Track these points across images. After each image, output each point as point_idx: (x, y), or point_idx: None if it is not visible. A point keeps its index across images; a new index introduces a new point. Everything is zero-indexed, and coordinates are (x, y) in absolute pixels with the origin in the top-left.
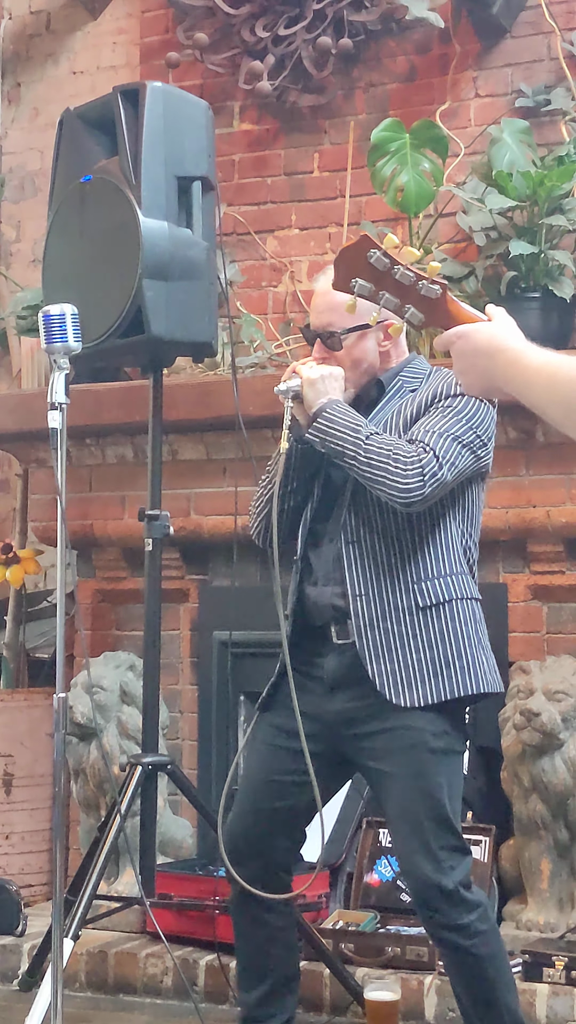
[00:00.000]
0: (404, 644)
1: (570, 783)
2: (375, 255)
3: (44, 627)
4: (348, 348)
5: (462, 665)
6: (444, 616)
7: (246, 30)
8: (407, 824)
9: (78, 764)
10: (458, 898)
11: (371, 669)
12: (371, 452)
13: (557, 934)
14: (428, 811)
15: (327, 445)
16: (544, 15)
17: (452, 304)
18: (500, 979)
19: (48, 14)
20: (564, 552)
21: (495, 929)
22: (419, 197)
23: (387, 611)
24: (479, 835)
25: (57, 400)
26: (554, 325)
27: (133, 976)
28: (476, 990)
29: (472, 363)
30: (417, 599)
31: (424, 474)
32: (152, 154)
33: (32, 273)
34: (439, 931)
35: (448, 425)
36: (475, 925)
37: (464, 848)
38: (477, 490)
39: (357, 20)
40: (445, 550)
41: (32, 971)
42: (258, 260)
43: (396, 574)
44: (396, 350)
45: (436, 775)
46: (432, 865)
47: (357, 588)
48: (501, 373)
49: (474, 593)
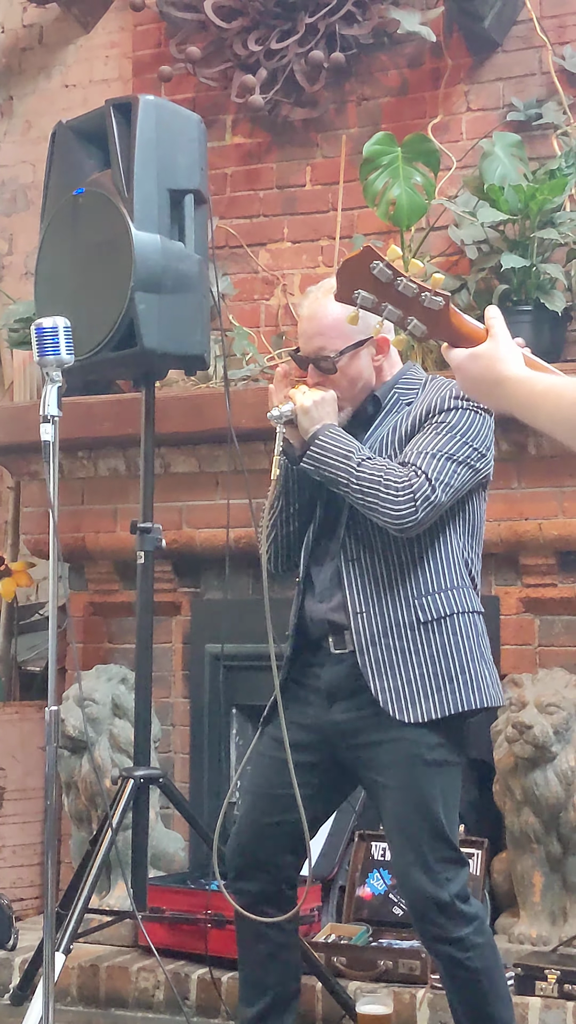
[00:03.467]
0: (406, 659)
1: (562, 796)
2: (378, 267)
3: (36, 640)
4: (343, 369)
5: (465, 680)
6: (446, 631)
7: (238, 44)
8: (403, 836)
9: (70, 777)
10: (454, 911)
11: (374, 685)
12: (363, 479)
13: (549, 947)
14: (424, 824)
15: (321, 472)
16: (535, 29)
17: (455, 316)
18: (495, 992)
19: (41, 27)
20: (556, 565)
21: (492, 943)
22: (411, 210)
23: (388, 627)
24: (471, 848)
25: (49, 413)
26: (546, 338)
27: (125, 990)
28: (471, 1003)
29: (476, 388)
30: (418, 614)
31: (416, 499)
32: (144, 167)
33: (24, 286)
34: (435, 944)
35: (441, 444)
36: (471, 938)
37: (461, 860)
38: (478, 500)
39: (349, 34)
40: (445, 564)
41: (23, 985)
42: (250, 273)
43: (396, 590)
44: (389, 363)
45: (432, 787)
46: (428, 877)
47: (358, 605)
48: (506, 402)
49: (476, 607)
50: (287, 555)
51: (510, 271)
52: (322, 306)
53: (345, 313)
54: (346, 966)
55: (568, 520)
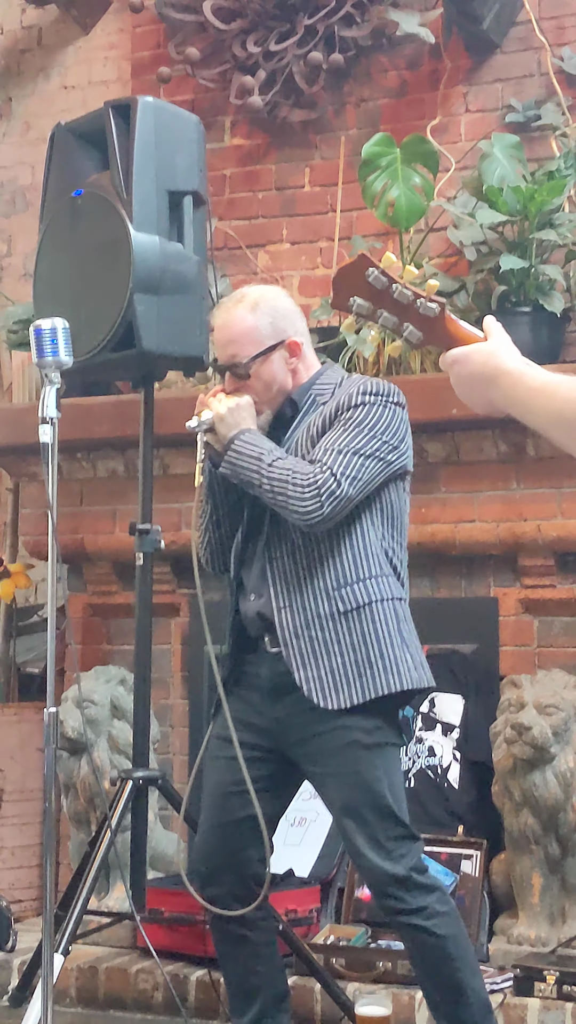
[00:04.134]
0: (328, 650)
1: (561, 797)
2: (373, 274)
3: (35, 641)
4: (256, 374)
5: (385, 665)
6: (365, 619)
7: (237, 45)
8: (352, 819)
9: (69, 779)
10: (412, 883)
11: (298, 676)
12: (273, 478)
13: (548, 948)
14: (370, 804)
15: (237, 476)
16: (534, 31)
17: (451, 322)
18: (464, 960)
19: (39, 29)
20: (555, 566)
21: (455, 913)
22: (410, 212)
23: (310, 620)
24: (470, 849)
25: (48, 414)
26: (544, 339)
27: (124, 991)
28: (441, 973)
29: (471, 387)
30: (338, 605)
31: (321, 494)
32: (143, 169)
33: (23, 287)
34: (398, 917)
35: (348, 439)
36: (434, 906)
37: (412, 835)
38: (397, 491)
39: (348, 36)
40: (363, 554)
41: (22, 986)
42: (249, 274)
43: (316, 583)
44: (305, 365)
45: (373, 768)
46: (381, 855)
47: (281, 600)
48: (501, 396)
49: (396, 594)
50: (221, 556)
51: (509, 272)
52: (233, 315)
53: (255, 321)
54: (345, 967)
55: (567, 521)
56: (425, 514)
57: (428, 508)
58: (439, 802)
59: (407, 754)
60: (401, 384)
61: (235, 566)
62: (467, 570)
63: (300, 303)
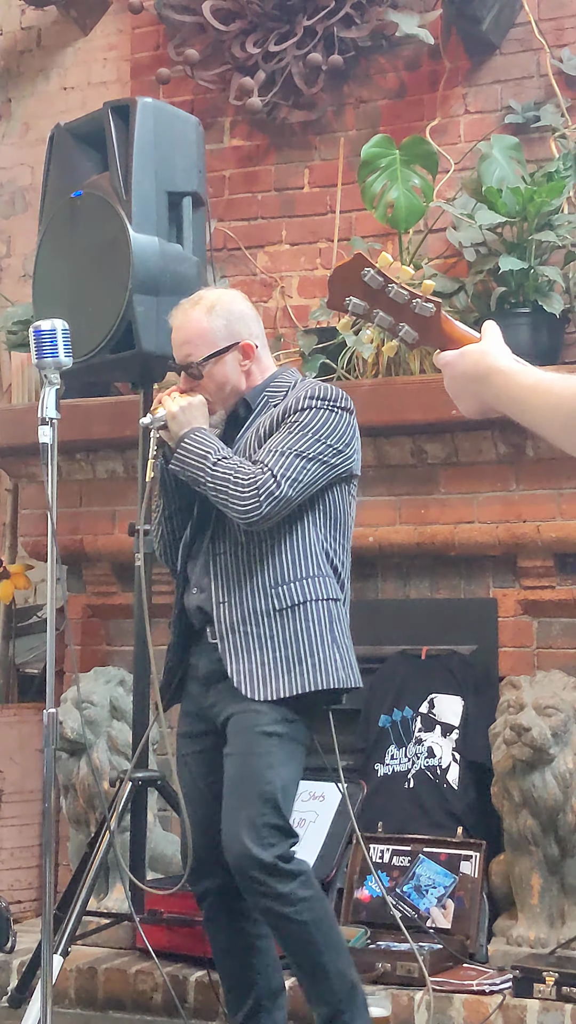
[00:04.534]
0: (262, 645)
1: (560, 798)
2: (369, 273)
3: (34, 642)
4: (209, 374)
5: (313, 663)
6: (299, 617)
7: (236, 46)
8: (235, 798)
9: (68, 779)
10: (275, 869)
11: (231, 669)
12: (216, 477)
13: (547, 950)
14: (257, 789)
15: (185, 473)
16: (533, 32)
17: (446, 323)
18: (328, 943)
19: (39, 30)
20: (554, 567)
21: (320, 896)
22: (409, 213)
23: (247, 615)
24: (469, 850)
25: (47, 415)
26: (544, 340)
27: (123, 993)
28: (305, 956)
29: (464, 387)
30: (274, 602)
31: (260, 494)
32: (143, 169)
33: (22, 288)
34: (261, 901)
35: (292, 441)
36: (296, 892)
37: (288, 831)
38: (341, 494)
39: (347, 37)
40: (302, 554)
41: (21, 988)
42: (248, 275)
43: (255, 580)
44: (259, 367)
45: (269, 755)
46: (252, 839)
47: (221, 595)
48: (494, 395)
49: (332, 595)
50: (173, 550)
51: (508, 273)
52: (189, 316)
53: (210, 323)
54: None
55: (566, 522)
56: (424, 515)
57: (427, 509)
58: (438, 803)
59: (407, 755)
60: (401, 385)
61: (182, 560)
62: (466, 571)
63: (299, 304)
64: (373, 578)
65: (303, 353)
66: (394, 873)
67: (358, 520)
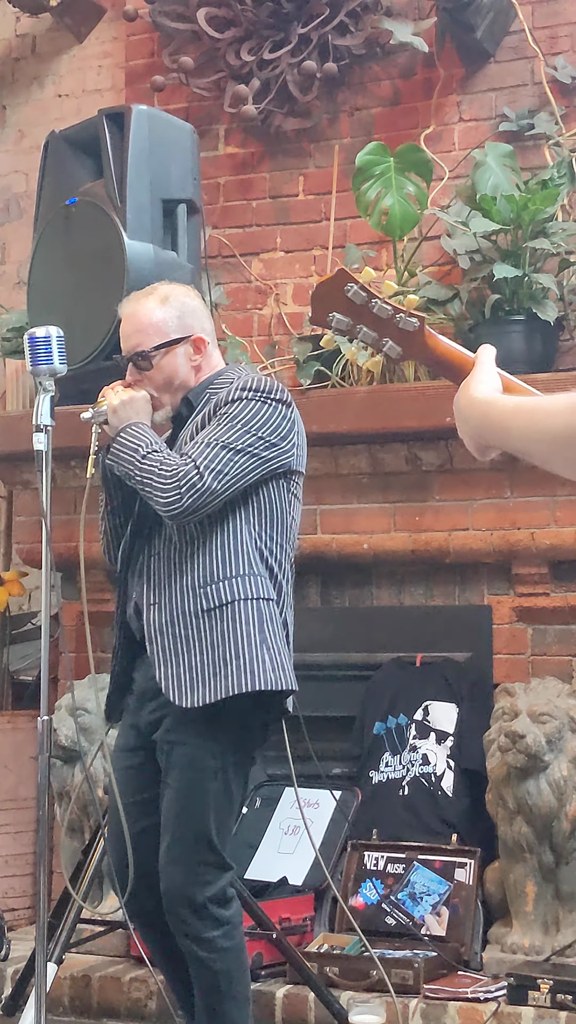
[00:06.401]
0: (190, 647)
1: (555, 805)
2: (352, 289)
3: (28, 649)
4: (158, 365)
5: (239, 664)
6: (226, 617)
7: (231, 54)
8: (171, 834)
9: (62, 787)
10: (205, 912)
11: (159, 673)
12: (144, 470)
13: (542, 957)
14: (192, 827)
15: (119, 468)
16: (527, 40)
17: (430, 337)
18: (231, 994)
19: (34, 37)
20: (548, 574)
21: (239, 947)
22: (403, 220)
23: (175, 616)
24: (464, 857)
25: (42, 422)
26: (538, 348)
27: (117, 1000)
28: (209, 1001)
29: (464, 431)
30: (202, 602)
31: (181, 486)
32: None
33: (17, 295)
34: (183, 939)
35: (220, 433)
36: (218, 941)
37: (224, 865)
38: (278, 491)
39: (342, 44)
40: (233, 553)
41: (15, 995)
42: (243, 283)
43: (184, 580)
44: (208, 364)
45: (205, 794)
46: (186, 876)
47: (152, 597)
48: (475, 426)
49: (264, 594)
50: (116, 544)
51: (502, 281)
52: (141, 306)
53: (163, 314)
54: (339, 976)
55: (560, 529)
56: (419, 522)
57: (422, 516)
58: (433, 810)
59: (402, 763)
60: (395, 392)
61: (121, 564)
62: (461, 578)
63: (294, 311)
64: (368, 585)
65: (298, 360)
66: (389, 880)
67: (353, 527)
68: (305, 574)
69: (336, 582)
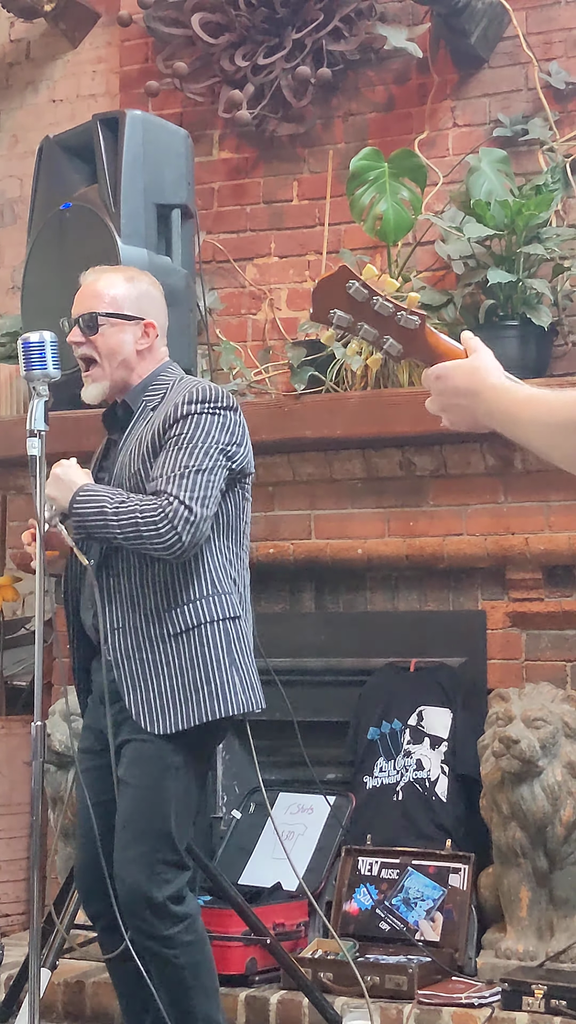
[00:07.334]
0: (158, 672)
1: (549, 810)
2: (354, 286)
3: (22, 655)
4: (104, 334)
5: (210, 690)
6: (194, 642)
7: (225, 59)
8: (129, 833)
9: (56, 792)
10: (165, 911)
11: (127, 699)
12: (122, 524)
13: (536, 962)
14: (151, 825)
15: (92, 535)
16: (522, 46)
17: (431, 335)
18: (199, 987)
19: (28, 42)
20: (542, 579)
21: (201, 939)
22: (397, 225)
23: (141, 641)
24: (458, 863)
25: (36, 427)
26: (532, 353)
27: (111, 1006)
28: (175, 997)
29: (453, 402)
30: (168, 627)
31: (176, 525)
32: (131, 182)
33: (11, 300)
34: (143, 939)
35: (183, 459)
36: (179, 936)
37: (182, 864)
38: (234, 498)
39: (336, 50)
40: (196, 573)
41: (9, 1001)
42: (237, 288)
43: (148, 603)
44: (152, 354)
45: (164, 791)
46: (146, 875)
47: (115, 622)
48: (484, 411)
49: (229, 613)
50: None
51: (496, 286)
52: (103, 276)
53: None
54: (332, 981)
55: (554, 535)
56: (413, 527)
57: (416, 521)
58: (427, 815)
59: (396, 768)
60: (389, 397)
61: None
62: (455, 583)
63: (288, 316)
64: (362, 590)
65: (292, 365)
66: (383, 886)
67: (347, 532)
68: (299, 579)
69: (330, 587)
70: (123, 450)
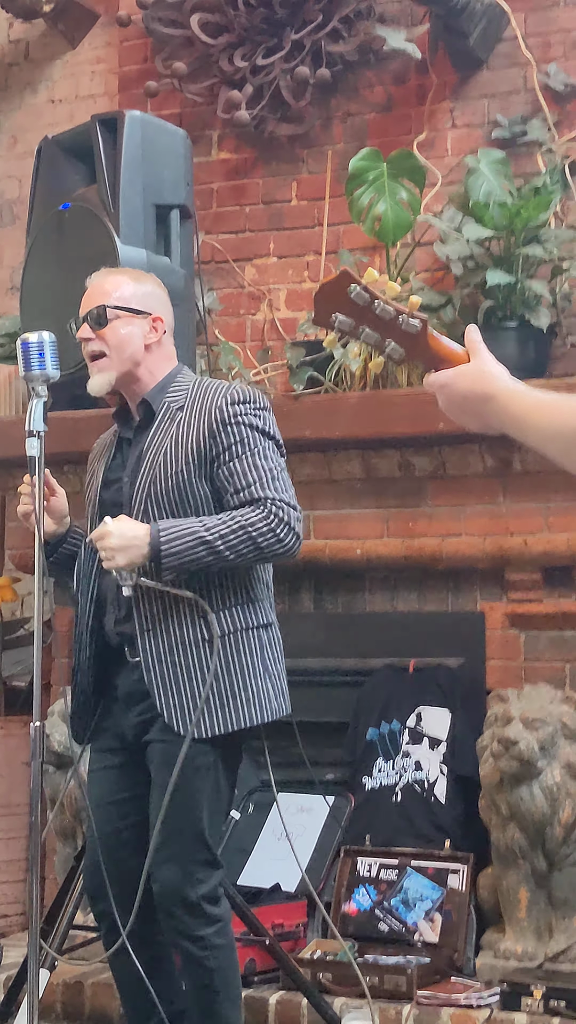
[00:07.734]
0: (191, 675)
1: (548, 811)
2: (355, 290)
3: (21, 655)
4: (112, 328)
5: (246, 697)
6: (229, 648)
7: (224, 60)
8: (164, 834)
9: (55, 793)
10: (199, 911)
11: (159, 702)
12: (231, 544)
13: (535, 963)
14: (185, 825)
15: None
16: (520, 47)
17: (433, 339)
18: (226, 992)
19: (27, 43)
20: (541, 580)
21: (231, 945)
22: (396, 226)
23: (175, 646)
24: (457, 864)
25: (35, 427)
26: (531, 355)
27: (110, 1007)
28: (202, 997)
29: (462, 407)
30: (202, 631)
31: (293, 527)
32: (130, 182)
33: (10, 301)
34: (177, 937)
35: (261, 463)
36: (211, 939)
37: (216, 863)
38: None
39: (335, 50)
40: (231, 581)
41: (8, 1002)
42: (236, 288)
43: (183, 608)
44: (160, 353)
45: (198, 792)
46: (181, 875)
47: (146, 623)
48: (495, 416)
49: (261, 620)
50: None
51: (495, 287)
52: (111, 277)
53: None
54: (331, 982)
55: (553, 536)
56: (412, 528)
57: (415, 522)
58: (426, 816)
59: (394, 768)
60: (388, 398)
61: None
62: (454, 584)
63: (287, 317)
64: (361, 591)
65: (291, 366)
66: (382, 886)
67: (346, 533)
68: (298, 579)
69: (329, 588)
70: (151, 448)
